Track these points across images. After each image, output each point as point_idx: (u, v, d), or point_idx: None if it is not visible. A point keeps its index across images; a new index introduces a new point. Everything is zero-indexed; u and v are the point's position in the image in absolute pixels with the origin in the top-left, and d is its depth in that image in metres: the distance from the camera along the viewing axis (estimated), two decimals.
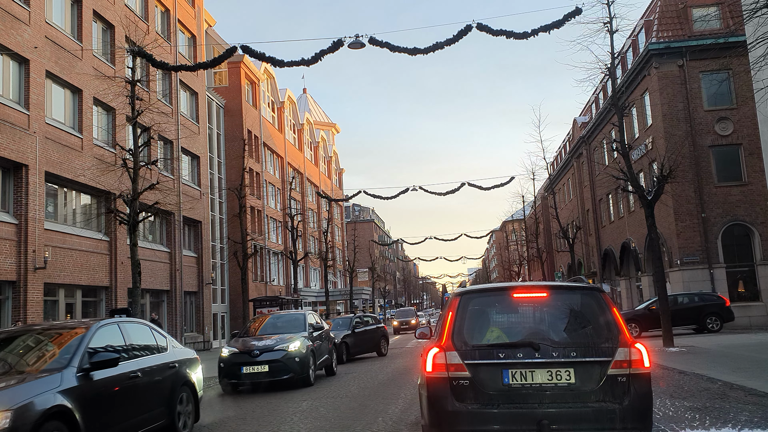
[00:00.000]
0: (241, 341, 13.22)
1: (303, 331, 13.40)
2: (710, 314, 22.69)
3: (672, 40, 27.81)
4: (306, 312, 14.80)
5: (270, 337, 13.10)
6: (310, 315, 14.78)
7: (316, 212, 60.90)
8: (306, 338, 13.15)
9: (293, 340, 12.72)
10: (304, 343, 12.93)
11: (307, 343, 12.99)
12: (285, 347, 12.48)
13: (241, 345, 12.91)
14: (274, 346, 12.51)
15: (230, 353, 12.74)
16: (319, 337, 14.20)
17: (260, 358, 12.32)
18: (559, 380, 5.04)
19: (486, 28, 15.28)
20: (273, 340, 12.85)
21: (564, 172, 51.05)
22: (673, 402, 8.38)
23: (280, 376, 12.25)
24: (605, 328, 5.24)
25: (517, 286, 5.69)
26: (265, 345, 12.63)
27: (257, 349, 12.48)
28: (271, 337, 13.15)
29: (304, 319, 14.13)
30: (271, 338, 13.01)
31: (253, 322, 15.19)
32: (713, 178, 27.16)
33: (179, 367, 8.06)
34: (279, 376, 12.25)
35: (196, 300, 32.53)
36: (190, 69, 21.37)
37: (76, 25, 23.60)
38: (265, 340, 12.97)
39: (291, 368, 12.31)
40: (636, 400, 4.99)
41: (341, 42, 15.59)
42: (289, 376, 12.28)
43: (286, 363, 12.28)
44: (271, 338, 13.01)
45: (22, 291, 19.51)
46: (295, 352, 12.51)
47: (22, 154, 19.83)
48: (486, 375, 5.13)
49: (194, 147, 32.95)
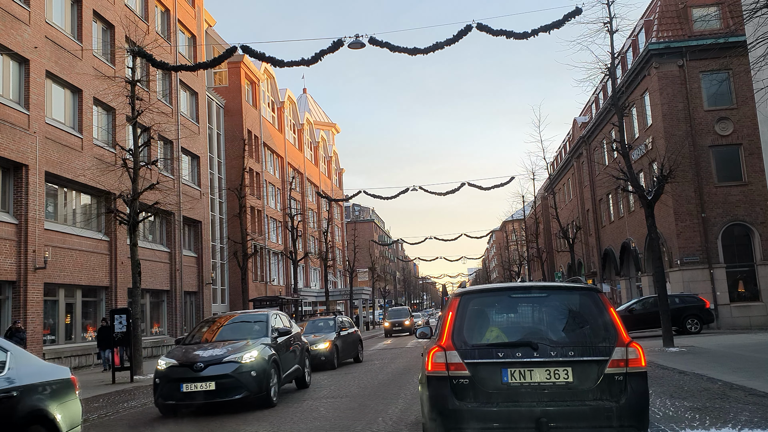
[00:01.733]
0: (184, 350, 10.60)
1: (264, 337, 10.91)
2: (690, 316, 22.75)
3: (672, 40, 27.81)
4: (269, 312, 12.08)
5: (221, 345, 10.55)
6: (275, 316, 12.10)
7: (316, 212, 60.92)
8: (267, 346, 10.63)
9: (249, 349, 10.21)
10: (265, 352, 10.39)
11: (268, 352, 10.45)
12: (237, 358, 9.92)
13: (182, 356, 10.29)
14: (224, 357, 9.94)
15: (168, 366, 10.11)
16: (286, 344, 11.69)
17: (205, 373, 9.72)
18: (557, 379, 5.12)
19: (486, 28, 15.29)
20: (223, 348, 10.31)
21: (564, 172, 51.06)
22: (673, 402, 8.38)
23: (231, 396, 9.72)
24: (602, 327, 5.33)
25: (516, 286, 5.79)
26: (212, 356, 10.04)
27: (201, 361, 9.87)
28: (224, 344, 10.60)
29: (266, 321, 11.51)
30: (222, 346, 10.45)
31: (206, 326, 12.26)
32: (713, 178, 27.16)
33: (23, 396, 5.55)
34: (229, 396, 9.72)
35: (196, 300, 32.53)
36: (190, 69, 21.38)
37: (76, 25, 23.61)
38: (213, 348, 10.41)
39: (245, 385, 9.77)
40: (633, 399, 5.08)
41: (341, 42, 15.60)
42: (242, 395, 9.74)
43: (238, 378, 9.73)
44: (222, 346, 10.45)
45: (22, 291, 19.52)
46: (251, 364, 9.93)
47: (22, 154, 19.83)
48: (485, 374, 5.21)
49: (194, 147, 32.96)
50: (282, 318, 12.48)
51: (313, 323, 19.50)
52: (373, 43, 15.53)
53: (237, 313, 13.41)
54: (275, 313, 12.32)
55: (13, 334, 17.63)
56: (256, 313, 12.49)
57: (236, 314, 13.01)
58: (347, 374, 15.46)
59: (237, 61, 41.02)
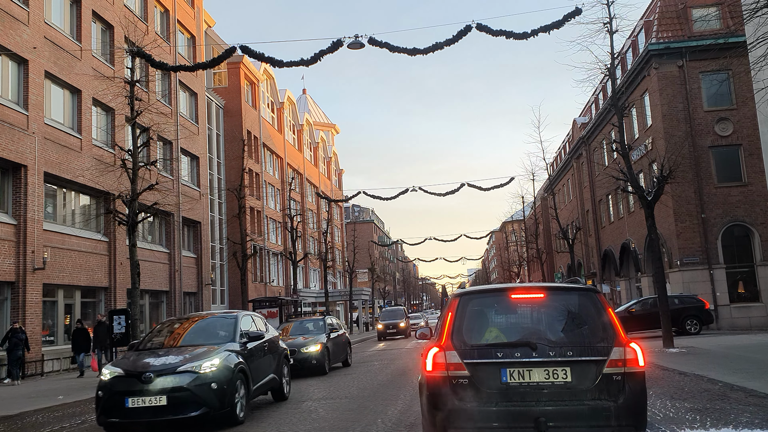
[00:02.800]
0: (134, 358, 9.13)
1: (230, 342, 9.41)
2: (690, 317, 22.69)
3: (672, 40, 27.81)
4: (239, 314, 10.53)
5: (179, 352, 9.11)
6: (247, 318, 10.55)
7: (316, 213, 60.91)
8: (234, 353, 9.16)
9: (210, 356, 8.71)
10: (229, 359, 8.90)
11: (233, 360, 8.97)
12: (195, 367, 8.44)
13: (130, 364, 8.83)
14: (178, 366, 8.43)
15: (112, 377, 8.58)
16: (259, 350, 10.12)
17: (155, 385, 8.21)
18: (556, 379, 5.14)
19: (486, 29, 15.27)
20: (180, 355, 8.83)
21: (564, 172, 51.05)
22: (673, 403, 8.35)
23: (186, 413, 8.21)
24: (601, 328, 5.35)
25: (515, 287, 5.81)
26: (164, 364, 8.52)
27: (151, 371, 8.34)
28: (182, 350, 9.15)
29: (234, 324, 9.92)
30: (180, 353, 8.98)
31: (165, 328, 10.72)
32: (713, 178, 27.14)
33: None
34: (183, 413, 8.21)
35: (196, 301, 32.50)
36: (189, 69, 21.37)
37: (75, 25, 23.59)
38: (168, 355, 8.90)
39: (203, 399, 8.28)
40: (631, 398, 5.10)
41: (341, 42, 15.58)
42: (199, 411, 8.24)
43: (194, 392, 8.26)
44: (180, 353, 8.98)
45: (20, 292, 19.50)
46: (211, 375, 8.44)
47: (21, 155, 19.81)
48: (485, 374, 5.22)
49: (193, 147, 32.94)
50: (255, 320, 10.92)
51: (300, 324, 18.30)
52: (373, 43, 15.51)
53: (203, 314, 12.06)
54: (246, 315, 10.78)
55: (13, 334, 17.61)
56: (223, 315, 10.94)
57: (202, 315, 11.57)
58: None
59: (236, 61, 41.02)
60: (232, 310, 13.09)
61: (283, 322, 21.50)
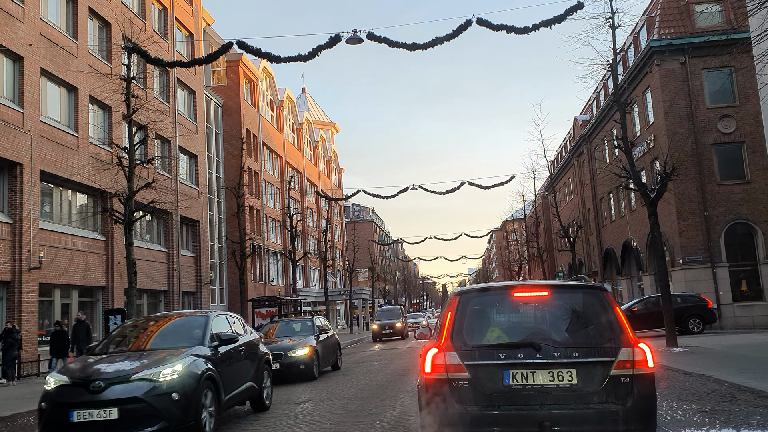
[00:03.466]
0: (85, 364, 8.05)
1: (199, 346, 8.35)
2: (692, 316, 22.50)
3: (674, 36, 27.56)
4: (211, 314, 9.45)
5: (137, 357, 8.04)
6: (220, 319, 9.50)
7: (316, 212, 60.71)
8: (201, 358, 8.10)
9: (171, 362, 7.64)
10: (195, 366, 7.84)
11: (200, 367, 7.90)
12: (152, 375, 7.40)
13: (78, 371, 7.77)
14: (133, 374, 7.41)
15: (57, 386, 7.54)
16: (234, 355, 9.09)
17: (105, 395, 7.17)
18: (561, 381, 4.92)
19: (486, 23, 15.05)
20: (137, 361, 7.80)
21: (565, 170, 50.83)
22: (680, 405, 8.13)
23: (141, 428, 7.15)
24: (608, 327, 5.14)
25: (517, 285, 5.58)
26: (117, 371, 7.52)
27: (102, 379, 7.30)
28: (142, 355, 8.12)
29: (204, 325, 8.84)
30: (138, 358, 7.94)
31: (127, 330, 9.50)
32: (716, 176, 26.91)
33: None
34: (138, 428, 7.15)
35: (195, 300, 32.30)
36: (186, 65, 21.12)
37: (72, 22, 23.38)
38: (124, 361, 7.88)
39: (161, 412, 7.25)
40: (639, 402, 4.88)
41: (339, 37, 15.35)
42: (157, 426, 7.20)
43: (151, 403, 7.21)
44: (138, 358, 7.94)
45: (16, 291, 19.29)
46: (171, 383, 7.39)
47: (17, 153, 19.61)
48: (486, 376, 5.01)
49: (192, 146, 32.73)
50: (231, 321, 9.85)
51: (286, 325, 17.11)
52: (372, 38, 15.29)
53: (172, 314, 10.74)
54: (220, 315, 9.70)
55: (7, 334, 17.42)
56: (193, 315, 9.75)
57: (170, 316, 10.31)
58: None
59: (235, 59, 40.83)
60: (204, 310, 11.97)
61: (267, 323, 19.62)
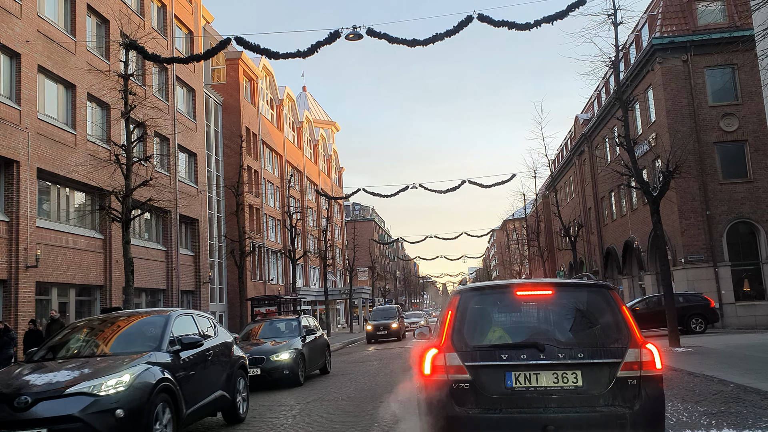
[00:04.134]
0: (14, 373, 6.91)
1: (155, 351, 7.22)
2: (695, 315, 22.37)
3: (676, 34, 27.38)
4: (174, 313, 8.25)
5: (78, 365, 6.84)
6: (184, 319, 8.34)
7: (316, 211, 60.53)
8: (156, 365, 6.92)
9: (116, 371, 6.48)
10: (147, 375, 6.66)
11: (154, 376, 6.73)
12: (92, 387, 6.21)
13: (3, 382, 6.57)
14: (68, 387, 6.21)
15: None
16: (199, 361, 7.96)
17: (32, 413, 6.00)
18: (566, 383, 4.75)
19: (487, 19, 14.86)
20: (75, 371, 6.62)
21: (566, 169, 50.66)
22: (686, 406, 7.96)
23: None
24: (614, 327, 4.96)
25: (520, 283, 5.40)
26: (50, 383, 6.34)
27: (29, 393, 6.15)
28: (84, 364, 6.90)
29: (162, 327, 7.72)
30: (78, 367, 6.76)
31: (74, 333, 8.20)
32: (718, 175, 26.74)
33: None
34: None
35: (193, 299, 32.13)
36: (184, 61, 20.96)
37: (70, 19, 23.19)
38: (61, 370, 6.69)
39: None
40: (647, 405, 4.70)
41: (338, 33, 15.18)
42: None
43: (89, 423, 6.01)
44: (78, 367, 6.76)
45: (12, 290, 19.11)
46: (115, 398, 6.21)
47: (13, 150, 19.43)
48: (488, 378, 4.84)
49: (191, 144, 32.55)
50: (198, 321, 8.67)
51: (270, 325, 15.93)
52: (371, 34, 15.10)
53: (128, 313, 9.13)
54: (185, 314, 8.52)
55: (3, 333, 17.23)
56: (153, 315, 8.53)
57: (127, 315, 8.80)
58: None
59: (235, 57, 40.65)
60: (166, 309, 9.95)
61: (249, 323, 17.76)
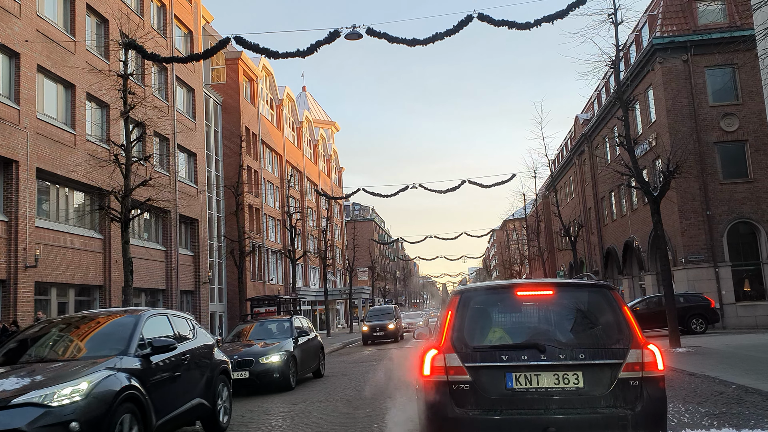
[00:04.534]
0: None
1: (122, 355, 6.39)
2: (695, 315, 22.34)
3: (676, 34, 27.33)
4: (146, 313, 7.39)
5: (30, 372, 6.10)
6: (157, 320, 7.55)
7: (315, 211, 60.49)
8: (121, 372, 6.12)
9: (71, 379, 5.68)
10: (108, 383, 5.87)
11: (117, 384, 5.94)
12: (43, 398, 5.43)
13: None
14: (15, 397, 5.43)
15: None
16: (173, 366, 7.15)
17: None
18: (567, 384, 4.72)
19: (487, 18, 14.81)
20: (26, 378, 5.90)
21: (566, 169, 50.62)
22: (687, 407, 7.91)
23: None
24: (615, 328, 4.92)
25: (521, 283, 5.36)
26: None
27: None
28: (36, 370, 6.15)
29: (131, 328, 6.89)
30: (29, 374, 6.01)
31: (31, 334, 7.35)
32: (718, 175, 26.70)
33: None
34: None
35: (193, 299, 32.09)
36: (183, 61, 20.90)
37: (69, 19, 23.15)
38: (8, 377, 5.93)
39: None
40: (649, 406, 4.67)
41: (338, 33, 15.12)
42: None
43: None
44: (29, 374, 6.01)
45: (11, 290, 19.07)
46: (70, 409, 5.43)
47: (12, 150, 19.39)
48: (488, 379, 4.80)
49: (191, 144, 32.50)
50: (172, 321, 7.84)
51: (261, 326, 15.18)
52: (371, 33, 15.05)
53: (96, 313, 8.28)
54: (158, 315, 7.69)
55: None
56: (120, 317, 7.51)
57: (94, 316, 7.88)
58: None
59: (235, 57, 40.61)
60: (138, 308, 9.03)
61: (239, 323, 16.90)
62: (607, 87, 35.03)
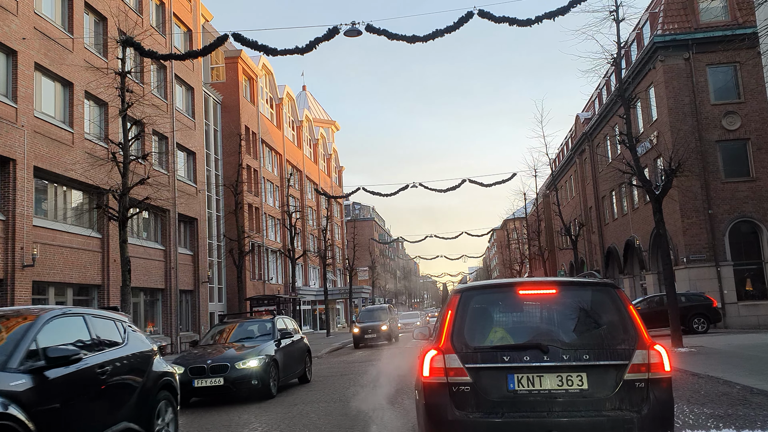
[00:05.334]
0: None
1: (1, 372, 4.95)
2: (697, 315, 22.25)
3: (678, 32, 27.19)
4: (47, 315, 5.77)
5: None
6: (69, 321, 6.12)
7: (315, 210, 60.37)
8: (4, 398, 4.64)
9: None
10: None
11: None
12: None
13: None
14: None
15: None
16: (87, 383, 5.76)
17: None
18: (570, 386, 4.59)
19: (488, 15, 14.68)
20: None
21: (566, 168, 50.49)
22: (691, 408, 7.77)
23: None
24: (621, 328, 4.80)
25: (522, 282, 5.22)
26: None
27: None
28: None
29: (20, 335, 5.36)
30: None
31: None
32: (720, 173, 26.56)
33: None
34: None
35: (192, 299, 31.96)
36: (181, 58, 20.79)
37: (67, 16, 23.01)
38: None
39: None
40: (656, 408, 4.54)
41: (337, 29, 15.00)
42: None
43: None
44: None
45: (9, 289, 18.94)
46: None
47: (10, 149, 19.25)
48: (489, 380, 4.67)
49: (190, 143, 32.37)
50: (89, 324, 6.33)
51: (242, 327, 13.89)
52: (371, 30, 14.92)
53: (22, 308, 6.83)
54: (65, 314, 6.12)
55: None
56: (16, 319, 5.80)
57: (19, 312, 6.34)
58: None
59: (234, 56, 40.48)
60: (37, 307, 6.98)
61: (216, 325, 15.52)
62: (608, 86, 34.89)
